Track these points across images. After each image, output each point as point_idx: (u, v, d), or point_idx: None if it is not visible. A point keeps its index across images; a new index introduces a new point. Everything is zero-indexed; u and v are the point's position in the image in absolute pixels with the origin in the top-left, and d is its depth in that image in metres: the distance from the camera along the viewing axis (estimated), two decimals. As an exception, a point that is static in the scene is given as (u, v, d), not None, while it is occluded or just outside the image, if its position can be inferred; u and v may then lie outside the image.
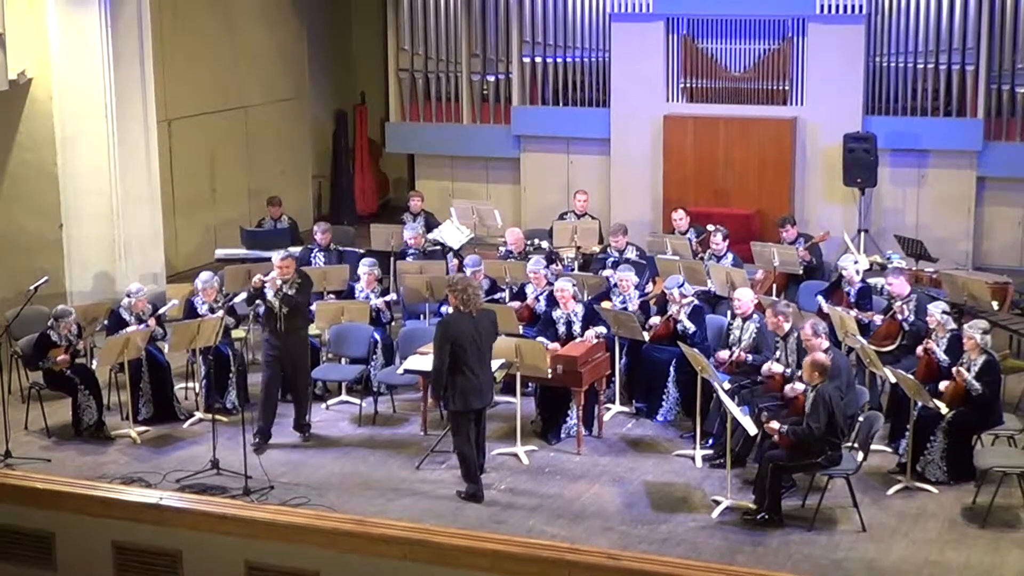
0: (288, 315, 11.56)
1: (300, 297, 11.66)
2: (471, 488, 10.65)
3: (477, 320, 10.50)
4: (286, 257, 11.77)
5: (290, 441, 11.91)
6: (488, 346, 10.62)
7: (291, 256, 11.89)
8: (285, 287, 11.57)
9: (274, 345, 11.66)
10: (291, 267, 11.70)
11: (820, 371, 10.10)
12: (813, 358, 10.22)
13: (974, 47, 16.67)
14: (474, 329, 10.45)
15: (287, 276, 11.63)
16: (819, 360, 10.16)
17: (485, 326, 10.57)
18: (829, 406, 9.90)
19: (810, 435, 9.93)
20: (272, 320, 11.62)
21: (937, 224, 17.08)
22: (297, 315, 11.70)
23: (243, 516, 6.92)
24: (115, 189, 14.83)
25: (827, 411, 9.89)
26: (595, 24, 18.36)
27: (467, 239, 15.74)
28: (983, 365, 10.59)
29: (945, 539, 9.85)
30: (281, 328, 11.57)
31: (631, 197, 18.09)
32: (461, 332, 10.42)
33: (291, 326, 11.63)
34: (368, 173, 21.11)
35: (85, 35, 14.49)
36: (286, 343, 11.64)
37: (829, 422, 9.91)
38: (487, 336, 10.59)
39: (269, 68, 19.43)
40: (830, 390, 10.02)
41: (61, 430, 12.19)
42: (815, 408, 9.94)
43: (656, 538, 9.92)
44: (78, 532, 7.20)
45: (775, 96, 17.53)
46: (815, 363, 10.15)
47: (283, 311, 11.52)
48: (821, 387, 10.00)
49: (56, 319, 12.14)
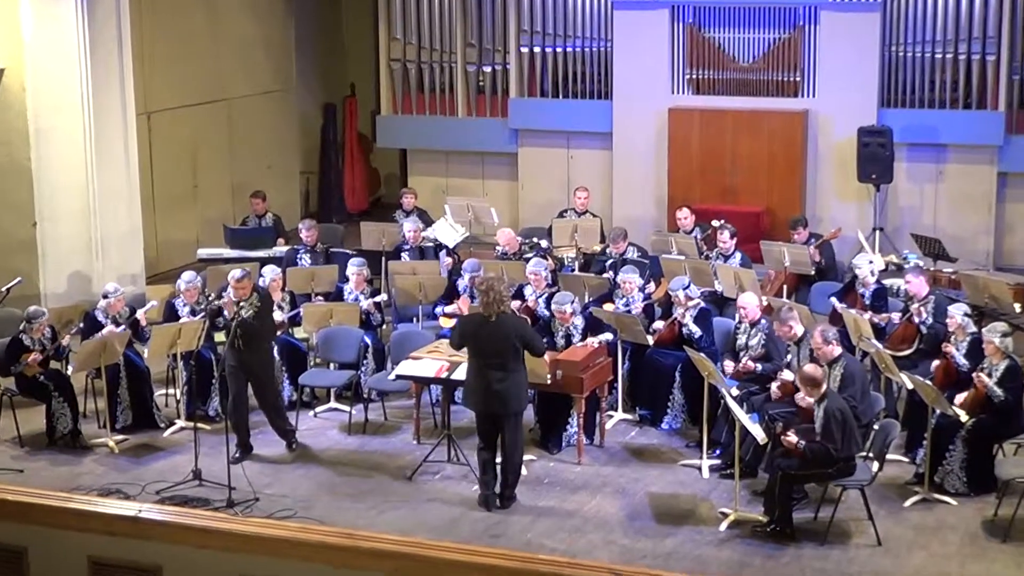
0: (243, 337, 11.41)
1: (257, 322, 11.49)
2: (481, 494, 10.76)
3: (495, 324, 10.51)
4: (242, 277, 11.58)
5: (276, 451, 11.90)
6: (502, 351, 10.51)
7: (247, 276, 11.72)
8: (242, 310, 11.42)
9: (234, 358, 11.49)
10: (248, 288, 11.55)
11: (813, 384, 10.06)
12: (801, 374, 10.19)
13: (995, 36, 16.67)
14: (487, 333, 10.51)
15: (243, 296, 11.50)
16: (807, 374, 10.11)
17: (502, 332, 10.53)
18: (843, 424, 9.87)
19: (828, 456, 9.90)
20: (231, 337, 11.43)
21: (956, 222, 17.09)
22: (256, 336, 11.54)
23: (227, 529, 6.90)
24: (92, 185, 14.84)
25: (841, 428, 9.85)
26: (596, 12, 18.36)
27: (462, 237, 15.75)
28: (1005, 370, 10.58)
29: (965, 553, 9.85)
30: (239, 345, 11.40)
31: (634, 194, 18.09)
32: (469, 333, 10.67)
33: (249, 346, 11.47)
34: (358, 169, 21.12)
35: (60, 23, 14.50)
36: (245, 358, 11.49)
37: (845, 436, 9.88)
38: (501, 342, 10.52)
39: (254, 58, 19.42)
40: (839, 406, 9.96)
41: (34, 439, 12.16)
42: (827, 428, 9.88)
43: (661, 552, 9.92)
44: (52, 547, 7.18)
45: (785, 88, 17.53)
46: (804, 379, 10.11)
47: (239, 334, 11.36)
48: (829, 404, 9.94)
49: (28, 321, 12.11)
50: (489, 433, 10.71)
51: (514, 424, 10.72)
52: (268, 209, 16.51)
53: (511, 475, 10.80)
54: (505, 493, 10.75)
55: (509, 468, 10.79)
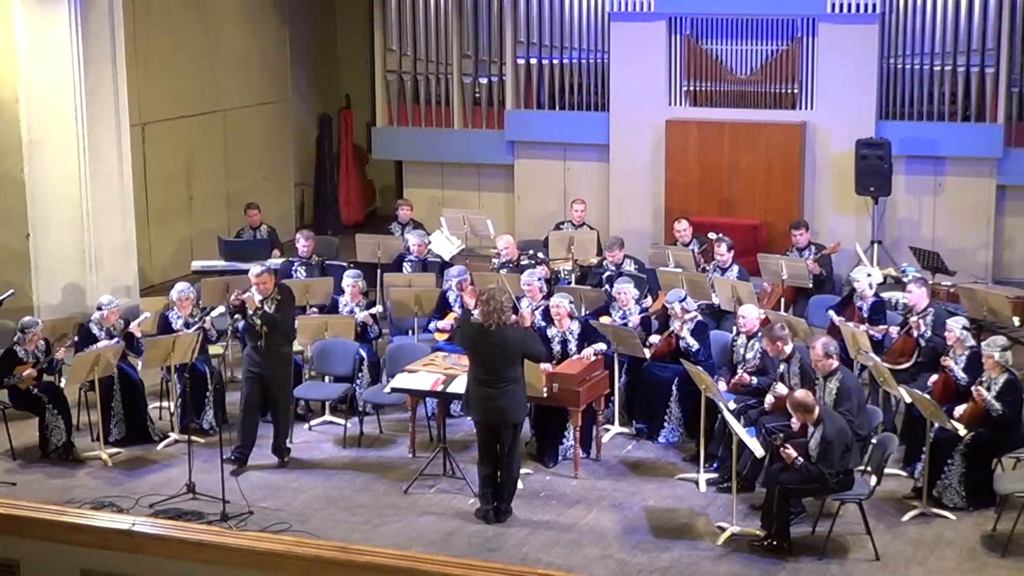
0: (269, 332, 11.56)
1: (280, 314, 11.64)
2: (480, 508, 10.77)
3: (495, 335, 10.53)
4: (263, 272, 11.71)
5: (270, 463, 11.89)
6: (502, 363, 10.54)
7: (268, 270, 11.85)
8: (265, 304, 11.57)
9: (255, 362, 11.65)
10: (269, 282, 11.67)
11: (804, 410, 10.04)
12: (792, 400, 10.14)
13: (994, 48, 16.69)
14: (488, 342, 10.54)
15: (266, 292, 11.63)
16: (798, 401, 10.07)
17: (503, 343, 10.55)
18: (842, 448, 9.85)
19: (823, 479, 9.89)
20: (254, 337, 11.62)
21: (955, 235, 17.10)
22: (278, 333, 11.67)
23: (221, 543, 6.89)
24: (85, 197, 14.84)
25: (841, 452, 9.83)
26: (593, 23, 18.39)
27: (458, 250, 15.75)
28: (1004, 384, 10.60)
29: (964, 568, 9.84)
30: (262, 346, 11.57)
31: (631, 206, 18.11)
32: (469, 338, 10.77)
33: (272, 343, 11.61)
34: (353, 181, 21.13)
35: (54, 35, 14.51)
36: (267, 361, 11.64)
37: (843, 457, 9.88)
38: (501, 353, 10.55)
39: (249, 69, 19.44)
40: (838, 428, 9.92)
41: (27, 452, 12.15)
42: (824, 455, 9.85)
43: (658, 567, 9.91)
44: (45, 560, 7.17)
45: (783, 100, 17.56)
46: (796, 405, 10.08)
47: (264, 329, 11.53)
48: (826, 430, 9.88)
49: (22, 331, 12.11)
50: (489, 445, 10.70)
51: (512, 436, 10.72)
52: (263, 221, 16.53)
53: (509, 488, 10.80)
54: (502, 507, 10.74)
55: (508, 481, 10.78)
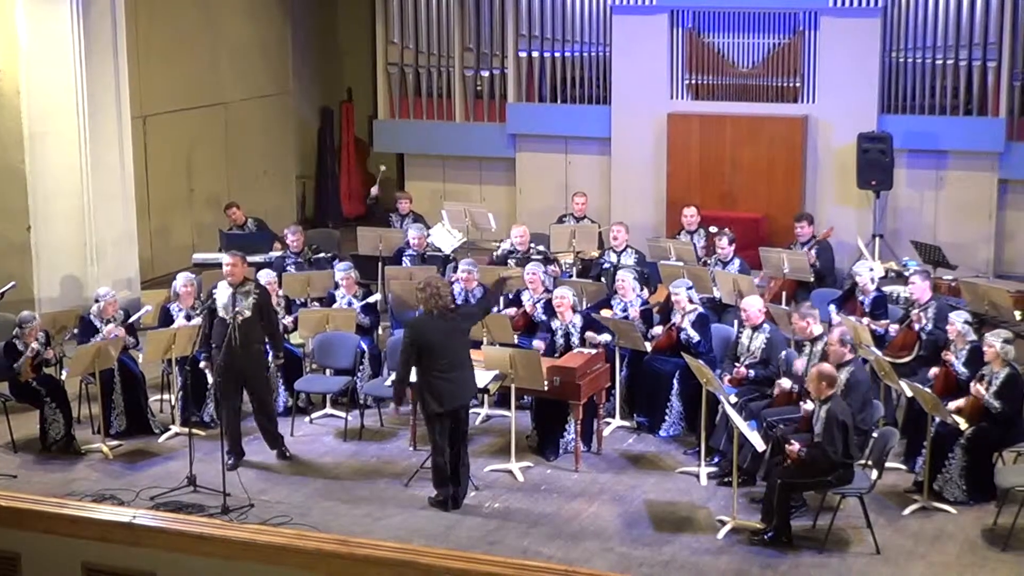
0: (243, 326, 11.24)
1: (265, 320, 11.44)
2: (441, 494, 10.78)
3: (447, 321, 10.61)
4: (235, 256, 11.52)
5: (270, 457, 11.89)
6: (462, 345, 10.69)
7: (239, 256, 11.61)
8: (237, 298, 11.29)
9: (225, 360, 11.27)
10: (239, 268, 11.38)
11: (828, 383, 10.08)
12: (819, 370, 10.20)
13: (996, 42, 16.68)
14: (443, 331, 10.59)
15: (236, 280, 11.40)
16: (826, 371, 10.15)
17: (455, 326, 10.68)
18: (844, 428, 9.89)
19: (826, 459, 9.91)
20: (228, 333, 11.16)
21: (956, 229, 17.10)
22: (252, 330, 11.38)
23: (221, 536, 6.91)
24: (86, 189, 14.84)
25: (843, 432, 9.87)
26: (595, 17, 18.38)
27: (459, 243, 15.75)
28: (1005, 378, 10.59)
29: (964, 562, 9.85)
30: (236, 343, 11.18)
31: (633, 200, 18.10)
32: (429, 334, 10.60)
33: (246, 339, 11.28)
34: (355, 173, 21.13)
35: (56, 27, 14.51)
36: (239, 358, 11.29)
37: (845, 441, 9.90)
38: (459, 336, 10.71)
39: (250, 62, 19.44)
40: (843, 409, 9.97)
41: (28, 444, 12.17)
42: (828, 430, 9.89)
43: (658, 560, 9.92)
44: (46, 553, 7.18)
45: (785, 93, 17.55)
46: (822, 375, 10.12)
47: (237, 321, 11.18)
48: (832, 406, 9.97)
49: (20, 326, 12.11)
50: (451, 432, 10.74)
51: (466, 417, 10.98)
52: (247, 216, 16.40)
53: (466, 471, 10.93)
54: (459, 492, 10.84)
55: (466, 464, 10.91)
